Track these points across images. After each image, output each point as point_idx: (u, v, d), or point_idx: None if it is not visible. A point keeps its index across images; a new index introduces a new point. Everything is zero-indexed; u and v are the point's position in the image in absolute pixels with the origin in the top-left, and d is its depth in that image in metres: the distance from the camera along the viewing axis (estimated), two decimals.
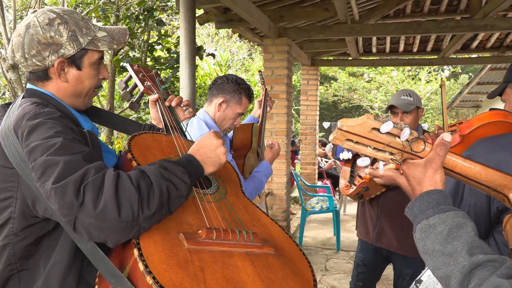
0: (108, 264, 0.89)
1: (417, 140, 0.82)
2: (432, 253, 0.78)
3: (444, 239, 0.77)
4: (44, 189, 0.87)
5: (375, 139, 0.80)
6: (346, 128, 0.79)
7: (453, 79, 16.25)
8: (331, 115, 18.23)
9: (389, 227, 2.36)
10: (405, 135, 0.80)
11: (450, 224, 0.78)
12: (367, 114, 0.81)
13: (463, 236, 0.76)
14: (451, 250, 0.75)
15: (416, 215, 0.84)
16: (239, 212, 1.13)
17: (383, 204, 2.37)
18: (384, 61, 7.52)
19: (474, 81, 9.04)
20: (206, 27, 12.56)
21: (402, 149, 0.82)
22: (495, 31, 4.90)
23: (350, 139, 0.80)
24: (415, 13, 5.38)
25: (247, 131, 2.20)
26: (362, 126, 0.79)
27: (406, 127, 0.81)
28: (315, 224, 6.07)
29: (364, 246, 2.53)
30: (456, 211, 0.81)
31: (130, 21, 4.53)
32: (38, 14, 1.07)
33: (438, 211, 0.81)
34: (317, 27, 5.12)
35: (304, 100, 7.31)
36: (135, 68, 1.47)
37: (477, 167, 0.84)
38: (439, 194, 0.83)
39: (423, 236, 0.81)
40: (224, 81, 1.99)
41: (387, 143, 0.81)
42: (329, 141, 1.07)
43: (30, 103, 1.03)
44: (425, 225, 0.81)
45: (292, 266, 1.00)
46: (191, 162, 1.03)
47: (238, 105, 1.99)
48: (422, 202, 0.83)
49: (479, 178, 0.84)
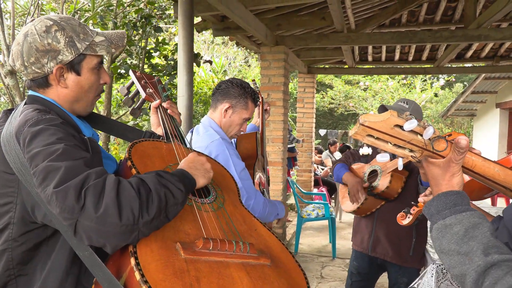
0: (105, 271, 0.89)
1: (439, 139, 0.82)
2: (448, 252, 0.79)
3: (460, 239, 0.78)
4: (45, 194, 0.88)
5: (397, 136, 0.80)
6: (369, 123, 0.78)
7: (448, 88, 16.38)
8: (327, 122, 18.28)
9: (384, 237, 2.37)
10: (428, 133, 0.80)
11: (466, 224, 0.79)
12: (391, 110, 0.81)
13: (479, 236, 0.77)
14: (467, 250, 0.76)
15: (433, 215, 0.85)
16: (237, 222, 1.13)
17: (378, 213, 2.38)
18: (380, 70, 7.58)
19: (468, 90, 9.13)
20: (202, 34, 12.61)
21: (423, 147, 0.82)
22: (489, 41, 4.96)
23: (371, 135, 0.80)
24: (411, 22, 5.44)
25: (251, 140, 2.14)
26: (385, 122, 0.79)
27: (430, 125, 0.81)
28: (311, 231, 6.06)
29: (358, 254, 2.52)
30: (472, 211, 0.82)
31: (127, 28, 4.54)
32: (36, 22, 1.08)
33: (454, 212, 0.82)
34: (314, 35, 5.16)
35: (300, 108, 7.34)
36: (138, 75, 1.47)
37: (496, 168, 0.85)
38: (456, 195, 0.84)
39: (439, 235, 0.82)
40: (229, 86, 1.92)
41: (408, 140, 0.81)
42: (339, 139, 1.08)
43: (32, 109, 1.04)
44: (442, 225, 0.82)
45: (288, 278, 1.00)
46: (184, 174, 1.05)
47: (244, 110, 1.93)
48: (439, 203, 0.84)
49: (497, 178, 0.85)
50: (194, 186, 1.07)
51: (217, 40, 13.27)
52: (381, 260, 2.42)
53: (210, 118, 1.94)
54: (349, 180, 2.40)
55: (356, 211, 2.39)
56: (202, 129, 1.90)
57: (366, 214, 2.39)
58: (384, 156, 0.88)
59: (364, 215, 2.41)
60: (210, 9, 3.84)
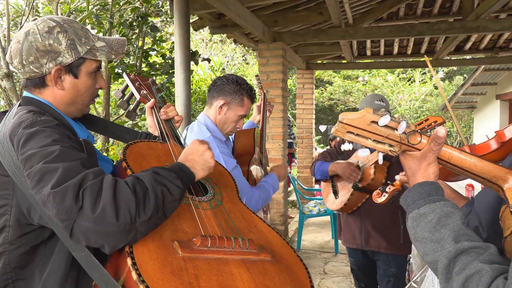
0: (103, 272, 0.88)
1: (414, 133, 0.86)
2: (422, 240, 0.83)
3: (433, 227, 0.82)
4: (41, 195, 0.87)
5: (374, 131, 0.84)
6: (347, 121, 0.83)
7: (448, 80, 16.34)
8: (327, 118, 18.25)
9: (374, 230, 2.41)
10: (402, 128, 0.85)
11: (439, 213, 0.83)
12: (367, 108, 0.85)
13: (451, 224, 0.81)
14: (439, 237, 0.80)
15: (409, 205, 0.88)
16: (236, 219, 1.12)
17: (364, 208, 2.42)
18: (379, 64, 7.57)
19: (468, 82, 9.10)
20: (200, 32, 12.58)
21: (400, 141, 0.86)
22: (487, 33, 4.94)
23: (351, 132, 0.84)
24: (408, 15, 5.42)
25: (249, 136, 2.09)
26: (361, 119, 0.83)
27: (404, 120, 0.85)
28: (313, 227, 6.06)
29: (351, 251, 2.59)
30: (445, 201, 0.85)
31: (124, 27, 4.53)
32: (38, 22, 1.08)
33: (428, 201, 0.85)
34: (312, 31, 5.14)
35: (300, 104, 7.32)
36: (132, 77, 1.47)
37: (472, 159, 0.87)
38: (430, 186, 0.87)
39: (414, 224, 0.85)
40: (224, 82, 1.88)
41: (385, 136, 0.85)
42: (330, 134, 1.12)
43: (26, 111, 1.03)
44: (416, 214, 0.85)
45: (289, 273, 0.99)
46: (182, 168, 1.04)
47: (240, 107, 1.89)
48: (414, 193, 0.88)
49: (474, 169, 0.87)
50: (192, 180, 1.06)
51: (215, 38, 13.24)
52: (371, 252, 2.47)
53: (205, 115, 1.92)
54: (338, 166, 2.41)
55: (343, 208, 2.41)
56: (196, 126, 1.89)
57: (353, 209, 2.43)
58: (365, 151, 0.94)
59: (351, 211, 2.44)
60: (207, 6, 3.83)
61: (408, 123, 0.85)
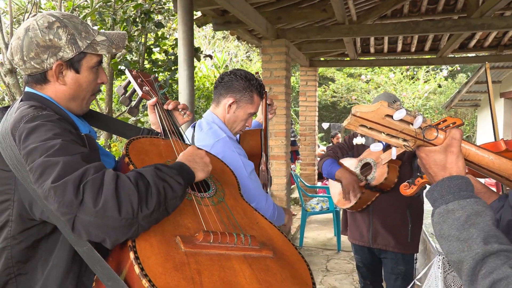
0: (105, 266, 0.89)
1: (430, 128, 0.83)
2: (447, 237, 0.78)
3: (461, 225, 0.77)
4: (43, 189, 0.87)
5: (388, 125, 0.81)
6: (360, 114, 0.79)
7: (451, 78, 16.26)
8: (330, 115, 18.22)
9: (383, 228, 2.37)
10: (418, 122, 0.81)
11: (469, 211, 0.78)
12: (381, 101, 0.81)
13: (480, 224, 0.76)
14: (467, 237, 0.75)
15: (436, 199, 0.84)
16: (238, 215, 1.12)
17: (373, 206, 2.38)
18: (382, 61, 7.53)
19: (472, 80, 9.04)
20: (203, 29, 12.57)
21: (415, 136, 0.83)
22: (492, 30, 4.90)
23: (364, 125, 0.81)
24: (413, 13, 5.38)
25: (256, 137, 1.98)
26: (375, 112, 0.79)
27: (420, 114, 0.81)
28: (315, 224, 6.06)
29: (357, 248, 2.56)
30: (476, 198, 0.80)
31: (127, 24, 4.52)
32: (38, 18, 1.08)
33: (458, 197, 0.81)
34: (315, 28, 5.12)
35: (303, 101, 7.31)
36: (134, 74, 1.47)
37: (490, 156, 0.84)
38: (461, 180, 0.82)
39: (440, 220, 0.81)
40: (233, 79, 1.75)
41: (400, 130, 0.82)
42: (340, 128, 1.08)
43: (28, 106, 1.04)
44: (444, 210, 0.81)
45: (291, 269, 0.99)
46: (183, 167, 1.04)
47: (249, 105, 1.76)
48: (443, 187, 0.83)
49: (492, 167, 0.84)
50: (193, 179, 1.06)
51: (218, 35, 13.22)
52: (377, 250, 2.45)
53: (213, 113, 1.80)
54: (344, 177, 2.35)
55: (353, 206, 2.38)
56: (205, 125, 1.79)
57: (362, 208, 2.39)
58: (378, 146, 0.89)
59: (360, 209, 2.41)
60: (210, 3, 3.82)
61: (424, 118, 0.82)
